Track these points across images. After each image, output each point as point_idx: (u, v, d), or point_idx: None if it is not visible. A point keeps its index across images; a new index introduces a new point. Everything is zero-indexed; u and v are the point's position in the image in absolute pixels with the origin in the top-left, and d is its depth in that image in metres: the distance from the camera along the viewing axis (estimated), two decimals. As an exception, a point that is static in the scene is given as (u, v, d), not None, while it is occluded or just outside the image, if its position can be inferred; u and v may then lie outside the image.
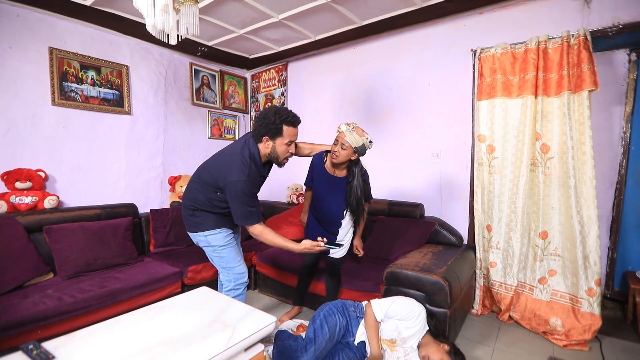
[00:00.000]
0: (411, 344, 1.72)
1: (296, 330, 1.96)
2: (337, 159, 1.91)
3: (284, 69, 3.95)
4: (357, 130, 1.86)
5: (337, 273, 2.28)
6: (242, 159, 1.70)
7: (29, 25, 2.54)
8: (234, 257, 1.91)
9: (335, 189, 2.05)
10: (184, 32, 1.78)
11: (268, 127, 1.69)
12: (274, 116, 1.68)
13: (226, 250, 1.89)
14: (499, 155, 2.46)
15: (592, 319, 2.10)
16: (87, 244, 2.40)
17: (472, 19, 2.69)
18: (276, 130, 1.70)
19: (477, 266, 2.58)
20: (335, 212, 2.11)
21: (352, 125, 1.87)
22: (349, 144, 1.85)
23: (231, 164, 1.70)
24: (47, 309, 1.84)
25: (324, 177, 2.06)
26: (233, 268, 1.91)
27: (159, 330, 1.20)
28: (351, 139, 1.84)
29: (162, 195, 3.45)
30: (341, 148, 1.88)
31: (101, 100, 2.94)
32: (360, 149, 1.88)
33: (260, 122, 1.71)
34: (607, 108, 2.40)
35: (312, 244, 1.77)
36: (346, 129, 1.86)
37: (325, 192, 2.08)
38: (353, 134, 1.85)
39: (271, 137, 1.72)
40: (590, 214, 2.11)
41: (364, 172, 2.04)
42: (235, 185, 1.66)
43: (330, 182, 2.05)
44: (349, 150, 1.88)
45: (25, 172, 2.46)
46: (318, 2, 2.51)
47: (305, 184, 2.23)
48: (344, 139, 1.86)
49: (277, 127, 1.69)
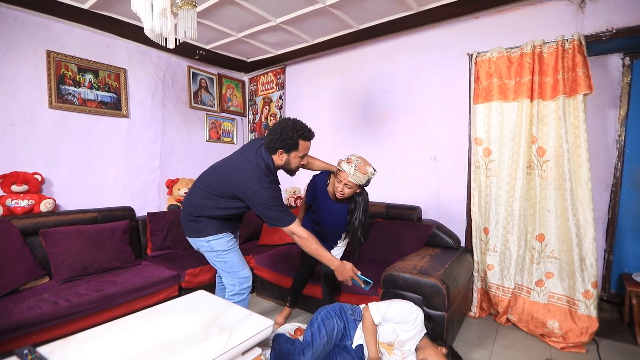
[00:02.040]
0: (409, 347, 1.71)
1: (294, 334, 1.96)
2: (343, 196, 1.91)
3: (281, 72, 3.97)
4: (360, 168, 1.81)
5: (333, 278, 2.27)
6: (260, 170, 1.71)
7: (26, 29, 2.54)
8: (238, 261, 1.90)
9: (337, 213, 2.04)
10: (182, 35, 1.79)
11: (285, 142, 1.71)
12: (291, 132, 1.70)
13: (230, 254, 1.88)
14: (496, 158, 2.47)
15: (589, 321, 2.11)
16: (83, 247, 2.39)
17: (468, 24, 2.71)
18: (293, 145, 1.73)
19: (475, 269, 2.59)
20: (335, 231, 2.11)
21: (354, 164, 1.81)
22: (354, 183, 1.84)
23: (250, 175, 1.70)
24: (43, 313, 1.82)
25: (326, 200, 2.04)
26: (237, 272, 1.89)
27: (156, 334, 1.20)
28: (355, 179, 1.82)
29: (159, 199, 3.44)
30: (346, 187, 1.87)
31: (99, 103, 2.94)
32: (365, 184, 1.88)
33: (277, 136, 1.72)
34: (602, 111, 2.43)
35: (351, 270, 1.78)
36: (349, 170, 1.81)
37: (326, 213, 2.06)
38: (357, 174, 1.81)
39: (286, 151, 1.75)
40: (586, 217, 2.13)
41: (366, 201, 2.01)
42: (262, 193, 1.67)
43: (332, 206, 2.03)
44: (353, 188, 1.87)
45: (22, 175, 2.44)
46: (316, 6, 2.53)
47: (306, 203, 2.18)
48: (347, 179, 1.83)
49: (294, 142, 1.72)
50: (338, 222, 2.07)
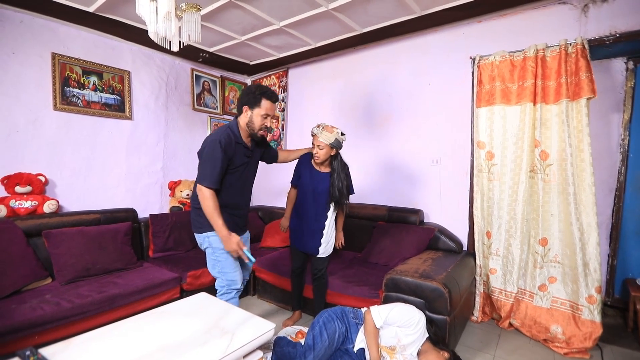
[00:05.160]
0: (411, 351, 1.71)
1: (295, 337, 1.95)
2: (318, 158, 2.14)
3: (284, 75, 3.98)
4: (326, 128, 2.08)
5: (320, 275, 2.32)
6: (222, 131, 1.83)
7: (32, 31, 2.56)
8: (230, 263, 1.90)
9: (320, 182, 2.21)
10: (186, 38, 1.81)
11: (249, 97, 1.86)
12: (256, 89, 1.87)
13: (225, 255, 1.88)
14: (498, 161, 2.47)
15: (593, 326, 2.09)
16: (85, 248, 2.39)
17: (470, 27, 2.72)
18: (255, 101, 1.84)
19: (477, 273, 2.58)
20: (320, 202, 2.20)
21: (322, 126, 2.10)
22: (324, 142, 2.07)
23: (211, 134, 1.87)
24: (45, 315, 1.82)
25: (310, 172, 2.23)
26: (227, 274, 1.90)
27: (158, 336, 1.20)
28: (324, 137, 2.07)
29: (161, 200, 3.45)
30: (319, 149, 2.10)
31: (102, 105, 2.95)
32: (334, 143, 2.08)
33: (243, 94, 1.90)
34: (606, 116, 2.42)
35: (237, 243, 1.78)
36: (317, 131, 2.09)
37: (309, 181, 2.23)
38: (324, 133, 2.07)
39: (250, 107, 1.85)
40: (589, 221, 2.11)
41: (344, 165, 2.24)
42: (208, 142, 1.78)
43: (315, 176, 2.22)
44: (325, 148, 2.10)
45: (25, 176, 2.46)
46: (319, 10, 2.54)
47: (292, 182, 2.36)
48: (318, 141, 2.09)
49: (256, 97, 1.84)
50: (321, 190, 2.20)
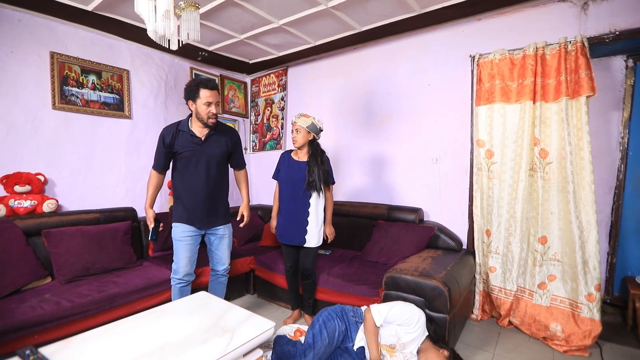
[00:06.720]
0: (411, 349, 1.71)
1: (294, 335, 1.95)
2: (297, 142, 2.27)
3: (284, 74, 3.97)
4: (304, 115, 2.27)
5: (308, 274, 2.35)
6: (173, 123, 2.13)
7: (30, 30, 2.55)
8: (179, 253, 2.09)
9: (297, 170, 2.30)
10: (185, 37, 1.80)
11: (189, 92, 2.01)
12: (193, 82, 2.02)
13: (178, 244, 2.09)
14: (498, 160, 2.47)
15: (592, 324, 2.10)
16: (85, 248, 2.39)
17: (470, 25, 2.71)
18: (195, 93, 1.99)
19: (477, 271, 2.58)
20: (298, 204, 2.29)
21: (300, 114, 2.29)
22: (300, 126, 2.23)
23: None
24: (45, 314, 1.82)
25: (289, 162, 2.36)
26: (175, 262, 2.11)
27: (158, 335, 1.20)
28: (301, 122, 2.23)
29: (161, 200, 3.44)
30: (297, 132, 2.25)
31: (101, 105, 2.95)
32: (311, 127, 2.24)
33: (185, 91, 2.04)
34: (605, 114, 2.42)
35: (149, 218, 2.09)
36: (295, 117, 2.27)
37: (288, 177, 2.33)
38: (301, 118, 2.25)
39: (193, 100, 2.01)
40: (589, 219, 2.12)
41: (322, 152, 2.35)
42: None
43: (293, 165, 2.34)
44: (303, 131, 2.24)
45: (25, 176, 2.45)
46: (318, 8, 2.53)
47: (273, 177, 2.47)
48: (297, 125, 2.25)
49: (194, 89, 1.99)
50: (299, 179, 2.29)
